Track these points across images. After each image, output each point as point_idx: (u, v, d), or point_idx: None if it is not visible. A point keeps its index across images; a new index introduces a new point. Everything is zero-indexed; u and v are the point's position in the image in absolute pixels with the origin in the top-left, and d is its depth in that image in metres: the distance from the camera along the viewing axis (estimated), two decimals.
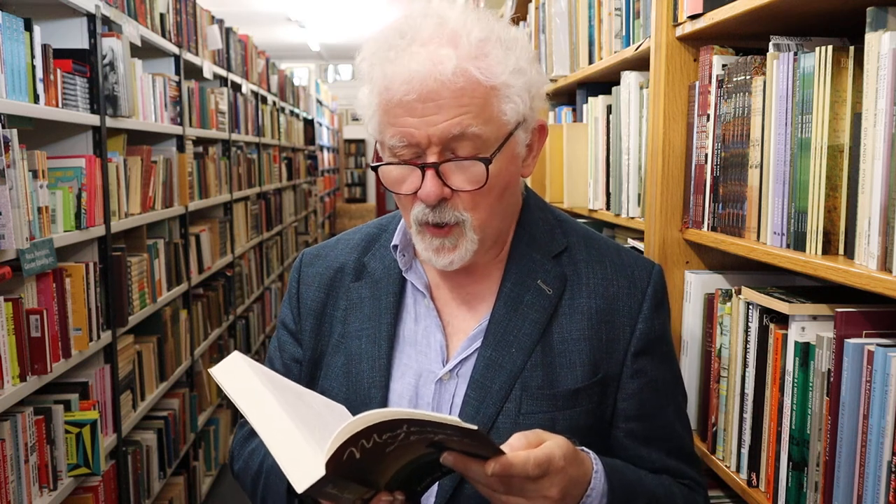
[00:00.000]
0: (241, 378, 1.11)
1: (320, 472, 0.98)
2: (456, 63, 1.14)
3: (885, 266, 1.10)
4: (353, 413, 1.22)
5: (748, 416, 1.49)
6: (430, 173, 1.18)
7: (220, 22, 5.11)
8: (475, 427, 0.97)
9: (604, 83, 2.43)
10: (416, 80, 1.14)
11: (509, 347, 1.26)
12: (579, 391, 1.25)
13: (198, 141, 4.49)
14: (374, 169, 1.23)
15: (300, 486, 0.98)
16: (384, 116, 1.20)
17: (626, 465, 1.24)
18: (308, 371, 1.37)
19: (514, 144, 1.23)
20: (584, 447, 1.18)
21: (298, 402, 1.14)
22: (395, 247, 1.33)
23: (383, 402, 1.28)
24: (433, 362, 1.29)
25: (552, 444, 1.07)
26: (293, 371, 1.39)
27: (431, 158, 1.18)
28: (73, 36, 2.83)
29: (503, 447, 1.05)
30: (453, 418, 0.97)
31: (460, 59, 1.15)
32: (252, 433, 1.41)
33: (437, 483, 1.20)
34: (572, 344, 1.26)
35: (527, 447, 1.06)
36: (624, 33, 2.16)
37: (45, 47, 2.47)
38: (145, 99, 3.48)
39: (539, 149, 1.30)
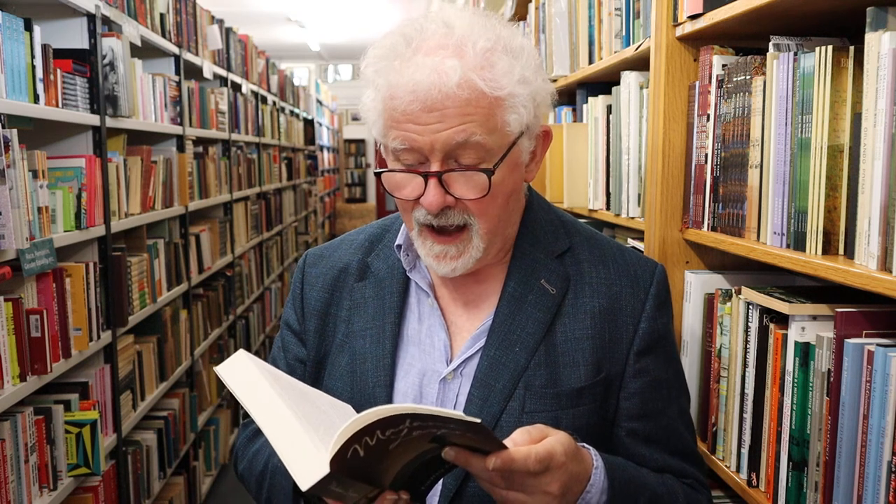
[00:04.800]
0: (246, 376, 1.11)
1: (325, 469, 0.98)
2: (461, 74, 1.13)
3: (885, 266, 1.10)
4: (359, 412, 1.23)
5: (748, 416, 1.49)
6: (432, 182, 1.18)
7: (220, 22, 5.11)
8: (478, 420, 0.97)
9: (604, 83, 2.43)
10: (421, 91, 1.14)
11: (513, 347, 1.26)
12: (583, 390, 1.26)
13: (198, 141, 4.49)
14: (377, 175, 1.23)
15: (304, 484, 0.98)
16: (388, 121, 1.20)
17: (628, 463, 1.25)
18: (312, 371, 1.38)
19: (518, 153, 1.23)
20: (585, 444, 1.18)
21: (303, 401, 1.14)
22: (399, 246, 1.34)
23: (388, 401, 1.28)
24: (437, 361, 1.30)
25: (554, 440, 1.08)
26: (297, 371, 1.39)
27: (434, 167, 1.18)
28: (73, 36, 2.83)
29: (506, 442, 1.06)
30: (456, 412, 0.97)
31: (465, 70, 1.14)
32: (256, 434, 1.41)
33: (440, 482, 1.20)
34: (575, 343, 1.27)
35: (529, 442, 1.07)
36: (624, 33, 2.16)
37: (45, 47, 2.47)
38: (145, 99, 3.48)
39: (543, 154, 1.31)
